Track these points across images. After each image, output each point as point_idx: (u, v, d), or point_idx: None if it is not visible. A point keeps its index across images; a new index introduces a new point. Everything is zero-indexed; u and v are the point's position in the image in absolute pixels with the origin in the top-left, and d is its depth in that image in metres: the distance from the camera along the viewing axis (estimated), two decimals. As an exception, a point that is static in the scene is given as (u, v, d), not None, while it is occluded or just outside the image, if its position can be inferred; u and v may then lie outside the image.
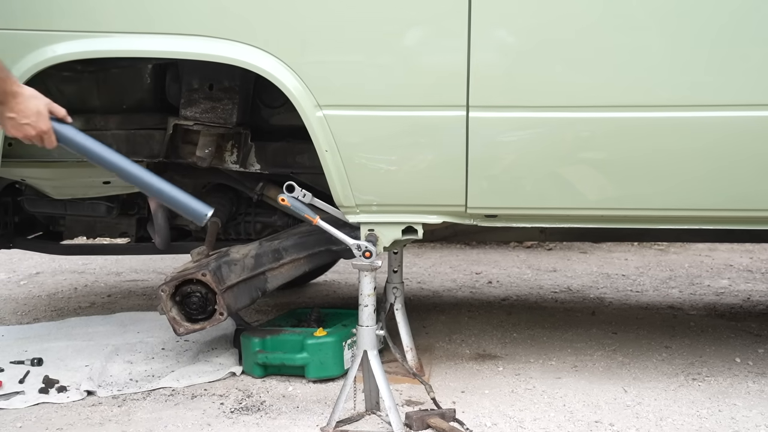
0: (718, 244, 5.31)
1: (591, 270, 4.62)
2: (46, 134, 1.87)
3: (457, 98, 2.10)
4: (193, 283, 2.46)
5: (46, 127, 1.86)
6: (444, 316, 3.41)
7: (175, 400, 2.40)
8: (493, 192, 2.21)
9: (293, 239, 2.65)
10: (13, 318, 3.51)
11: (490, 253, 5.27)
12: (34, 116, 1.84)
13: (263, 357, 2.55)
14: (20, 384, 2.52)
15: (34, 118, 1.84)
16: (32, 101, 1.84)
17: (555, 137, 2.14)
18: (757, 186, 2.14)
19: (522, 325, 3.23)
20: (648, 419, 2.21)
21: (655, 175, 2.15)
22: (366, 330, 2.11)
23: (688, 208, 2.19)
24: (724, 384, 2.50)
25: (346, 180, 2.21)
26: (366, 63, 2.13)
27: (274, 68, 2.12)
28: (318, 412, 2.28)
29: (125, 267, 4.76)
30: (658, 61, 2.05)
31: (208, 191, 2.91)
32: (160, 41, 2.10)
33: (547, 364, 2.72)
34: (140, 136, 2.50)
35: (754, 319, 3.33)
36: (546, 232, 3.08)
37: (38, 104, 1.85)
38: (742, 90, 2.05)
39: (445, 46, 2.10)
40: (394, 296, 2.62)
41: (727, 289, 4.05)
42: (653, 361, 2.74)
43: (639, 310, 3.53)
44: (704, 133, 2.10)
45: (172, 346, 2.90)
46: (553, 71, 2.09)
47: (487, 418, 2.22)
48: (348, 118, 2.15)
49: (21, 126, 1.84)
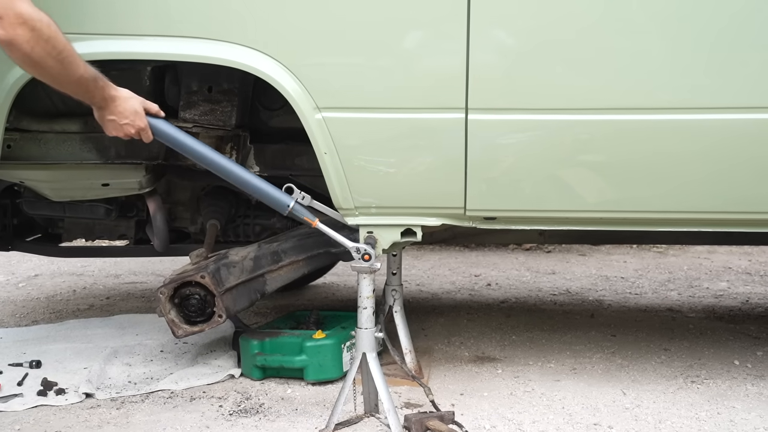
0: (716, 247, 5.31)
1: (590, 272, 4.62)
2: (143, 131, 2.00)
3: (456, 101, 2.10)
4: (192, 285, 2.45)
5: (144, 125, 1.99)
6: (443, 319, 3.41)
7: (173, 403, 2.39)
8: (492, 194, 2.21)
9: (292, 241, 2.65)
10: (12, 320, 3.51)
11: (489, 255, 5.27)
12: (133, 116, 1.96)
13: (262, 359, 2.55)
14: (19, 386, 2.51)
15: (132, 117, 1.96)
16: (129, 102, 1.96)
17: (554, 140, 2.14)
18: (755, 189, 2.14)
19: (521, 328, 3.23)
20: (647, 422, 2.21)
21: (654, 178, 2.15)
22: (365, 332, 2.11)
23: (687, 211, 2.19)
24: (722, 386, 2.50)
25: (345, 182, 2.21)
26: (365, 65, 2.13)
27: (273, 70, 2.12)
28: (317, 414, 2.28)
29: (124, 269, 4.76)
30: (658, 64, 2.05)
31: (207, 193, 2.91)
32: (159, 44, 2.10)
33: (546, 366, 2.72)
34: (139, 138, 2.50)
35: (753, 322, 3.34)
36: (545, 234, 3.08)
37: (135, 104, 1.97)
38: (741, 93, 2.05)
39: (444, 48, 2.11)
40: (393, 298, 2.61)
41: (726, 291, 4.05)
42: (652, 363, 2.74)
43: (638, 313, 3.53)
44: (703, 136, 2.10)
45: (171, 348, 2.90)
46: (552, 74, 2.09)
47: (486, 420, 2.22)
48: (347, 121, 2.15)
49: (121, 126, 1.96)
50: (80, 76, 1.83)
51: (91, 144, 2.46)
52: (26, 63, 1.74)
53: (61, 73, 1.79)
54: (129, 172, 2.59)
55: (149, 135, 2.02)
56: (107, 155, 2.48)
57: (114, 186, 2.66)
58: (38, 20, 1.67)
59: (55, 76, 1.80)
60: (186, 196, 2.97)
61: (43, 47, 1.70)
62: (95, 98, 1.92)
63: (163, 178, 2.80)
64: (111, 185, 2.66)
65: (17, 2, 1.64)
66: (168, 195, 2.94)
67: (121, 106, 1.95)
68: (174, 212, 2.99)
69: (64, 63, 1.76)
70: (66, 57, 1.76)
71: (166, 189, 2.93)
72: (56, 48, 1.73)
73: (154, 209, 2.78)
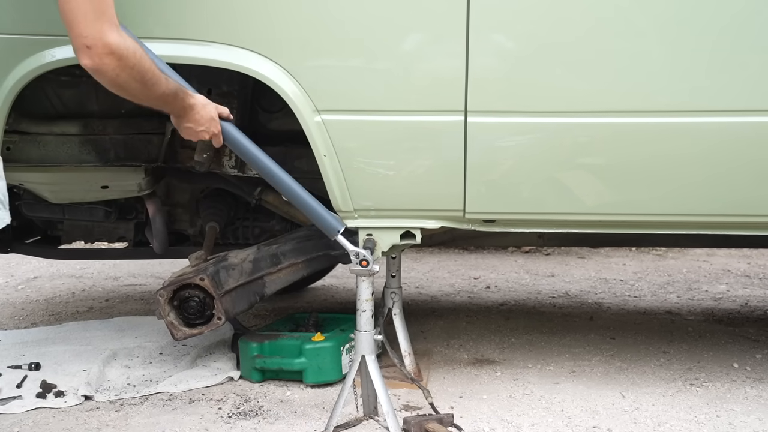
0: (716, 250, 5.31)
1: (589, 275, 4.62)
2: (216, 136, 2.04)
3: (455, 103, 2.11)
4: (191, 287, 2.45)
5: (217, 130, 2.04)
6: (442, 321, 3.41)
7: (172, 405, 2.39)
8: (491, 197, 2.21)
9: (291, 244, 2.65)
10: (11, 322, 3.50)
11: (488, 257, 5.27)
12: (208, 122, 2.01)
13: (261, 362, 2.54)
14: (18, 388, 2.51)
15: (208, 124, 2.01)
16: (206, 109, 2.00)
17: (553, 142, 2.14)
18: (754, 191, 2.14)
19: (520, 330, 3.23)
20: (646, 424, 2.21)
21: (653, 181, 2.15)
22: (364, 335, 2.11)
23: (686, 214, 2.20)
24: (722, 389, 2.50)
25: (344, 185, 2.21)
26: (364, 68, 2.13)
27: (273, 73, 2.12)
28: (316, 417, 2.28)
29: (123, 271, 4.76)
30: (657, 67, 2.06)
31: (206, 196, 2.91)
32: (158, 46, 2.10)
33: (545, 369, 2.72)
34: (138, 140, 2.51)
35: (752, 325, 3.34)
36: (544, 237, 3.08)
37: (210, 110, 2.01)
38: (739, 96, 2.05)
39: (444, 50, 2.11)
40: (393, 301, 2.61)
41: (725, 294, 4.05)
42: (651, 366, 2.74)
43: (637, 315, 3.53)
44: (702, 139, 2.10)
45: (170, 350, 2.89)
46: (552, 76, 2.09)
47: (485, 423, 2.22)
48: (346, 123, 2.15)
49: (197, 132, 2.01)
50: (162, 93, 1.88)
51: (91, 146, 2.46)
52: (111, 86, 1.79)
53: (143, 93, 1.84)
54: (128, 174, 2.59)
55: (220, 140, 2.06)
56: (106, 158, 2.48)
57: (113, 188, 2.66)
58: (125, 49, 1.72)
59: (136, 96, 1.85)
60: (185, 199, 2.97)
61: (128, 73, 1.75)
62: (176, 108, 1.97)
63: (162, 181, 2.80)
64: (110, 187, 2.66)
65: (106, 33, 1.69)
66: (167, 197, 2.94)
67: (198, 113, 1.99)
68: (173, 214, 2.98)
69: (147, 84, 1.82)
70: (149, 79, 1.81)
71: (166, 191, 2.93)
72: (140, 73, 1.78)
73: (154, 211, 2.78)
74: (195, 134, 2.02)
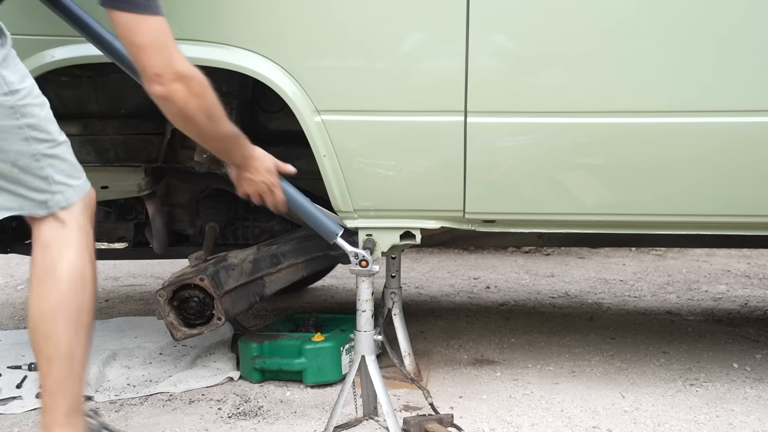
0: (715, 250, 5.31)
1: (589, 275, 4.63)
2: (275, 188, 2.07)
3: (455, 103, 2.11)
4: (191, 287, 2.45)
5: (276, 182, 2.07)
6: (442, 321, 3.41)
7: (172, 405, 2.39)
8: (491, 197, 2.21)
9: (291, 244, 2.65)
10: (11, 323, 3.50)
11: (488, 258, 5.27)
12: (267, 174, 2.04)
13: (261, 362, 2.54)
14: (17, 389, 2.51)
15: (266, 176, 2.04)
16: (264, 161, 2.04)
17: (553, 143, 2.14)
18: (754, 192, 2.14)
19: (520, 331, 3.23)
20: (645, 425, 2.21)
21: (653, 181, 2.15)
22: (364, 335, 2.11)
23: (686, 214, 2.20)
24: (721, 389, 2.50)
25: (344, 185, 2.21)
26: (364, 68, 2.13)
27: (273, 73, 2.12)
28: (316, 417, 2.28)
29: (123, 272, 4.76)
30: (658, 67, 2.06)
31: (206, 196, 2.91)
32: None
33: (545, 369, 2.72)
34: (138, 140, 2.51)
35: (752, 325, 3.34)
36: (544, 237, 3.08)
37: (268, 163, 2.04)
38: (740, 96, 2.05)
39: (444, 51, 2.11)
40: (392, 301, 2.61)
41: (725, 294, 4.05)
42: (651, 366, 2.74)
43: (637, 316, 3.53)
44: (703, 139, 2.10)
45: (170, 351, 2.89)
46: (552, 76, 2.09)
47: (484, 423, 2.22)
48: (346, 124, 2.16)
49: (255, 183, 2.05)
50: (225, 132, 1.91)
51: (90, 146, 2.46)
52: (179, 117, 1.80)
53: (209, 128, 1.86)
54: (128, 174, 2.59)
55: (281, 194, 2.08)
56: (106, 158, 2.48)
57: (113, 188, 2.66)
58: (192, 77, 1.75)
59: (202, 131, 1.87)
60: (185, 199, 2.97)
61: (195, 102, 1.77)
62: (235, 156, 2.00)
63: (162, 181, 2.80)
64: (110, 188, 2.65)
65: (173, 60, 1.72)
66: (167, 197, 2.94)
67: (257, 164, 2.02)
68: (173, 215, 2.98)
69: (213, 118, 1.84)
70: (214, 113, 1.84)
71: (165, 191, 2.93)
72: (206, 103, 1.80)
73: (153, 212, 2.78)
74: (254, 186, 2.05)
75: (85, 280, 1.70)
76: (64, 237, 1.69)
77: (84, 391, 1.74)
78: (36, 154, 1.63)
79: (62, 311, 1.66)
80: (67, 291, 1.66)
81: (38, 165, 1.64)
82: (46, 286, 1.66)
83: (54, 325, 1.66)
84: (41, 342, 1.66)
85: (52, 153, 1.66)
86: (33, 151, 1.63)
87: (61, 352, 1.66)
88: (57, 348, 1.66)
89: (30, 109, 1.62)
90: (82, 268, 1.69)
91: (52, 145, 1.66)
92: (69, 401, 1.68)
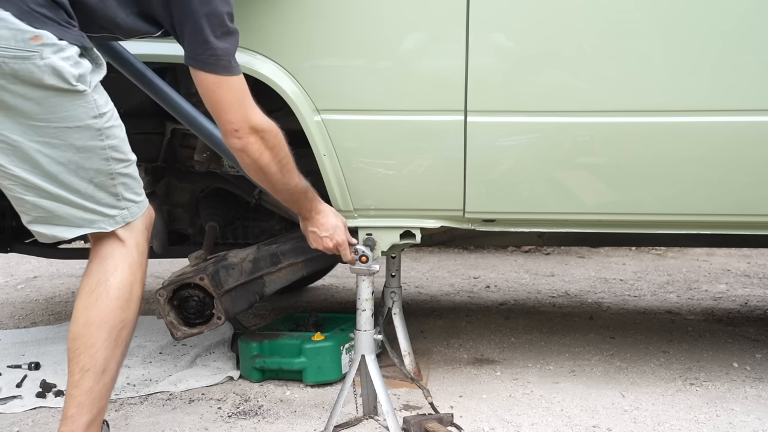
0: (715, 249, 5.31)
1: (589, 274, 4.63)
2: (341, 246, 2.10)
3: (455, 103, 2.11)
4: (191, 287, 2.45)
5: (342, 239, 2.10)
6: (442, 321, 3.41)
7: (172, 405, 2.39)
8: (491, 196, 2.21)
9: (291, 243, 2.65)
10: (11, 322, 3.50)
11: (488, 257, 5.28)
12: (332, 230, 2.09)
13: (261, 361, 2.55)
14: (18, 388, 2.51)
15: (332, 231, 2.09)
16: (331, 217, 2.10)
17: (553, 142, 2.14)
18: (754, 191, 2.14)
19: (520, 330, 3.23)
20: (645, 424, 2.21)
21: (654, 180, 2.15)
22: (364, 334, 2.11)
23: (686, 213, 2.20)
24: (721, 389, 2.50)
25: (344, 184, 2.21)
26: (364, 67, 2.13)
27: (272, 73, 2.12)
28: (315, 416, 2.28)
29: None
30: (657, 67, 2.06)
31: (206, 196, 2.91)
32: (158, 46, 2.10)
33: (545, 368, 2.72)
34: (138, 140, 2.48)
35: (752, 324, 3.34)
36: (544, 236, 3.08)
37: (336, 221, 2.11)
38: (739, 96, 2.05)
39: (444, 50, 2.11)
40: (392, 300, 2.61)
41: (725, 293, 4.05)
42: (651, 365, 2.74)
43: (637, 315, 3.53)
44: (702, 139, 2.10)
45: (170, 350, 2.90)
46: (552, 76, 2.10)
47: (484, 422, 2.22)
48: (346, 123, 2.16)
49: (321, 239, 2.10)
50: (296, 185, 1.99)
51: None
52: (252, 168, 1.89)
53: (280, 180, 1.95)
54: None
55: (348, 255, 2.11)
56: (106, 157, 2.47)
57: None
58: (268, 130, 1.86)
59: (274, 182, 1.96)
60: (185, 198, 2.97)
61: (270, 153, 1.87)
62: (303, 208, 2.07)
63: (162, 180, 2.80)
64: None
65: (250, 115, 1.83)
66: (167, 197, 2.95)
67: (323, 219, 2.09)
68: (173, 214, 2.99)
69: (284, 170, 1.93)
70: (286, 164, 1.93)
71: (165, 191, 2.93)
72: (280, 155, 1.90)
73: (153, 211, 2.77)
74: (319, 240, 2.10)
75: (132, 299, 1.75)
76: (121, 254, 1.75)
77: (106, 408, 1.77)
78: (112, 173, 1.70)
79: (106, 324, 1.71)
80: (114, 306, 1.72)
81: (112, 183, 1.71)
82: (96, 297, 1.72)
83: (96, 336, 1.70)
84: (80, 350, 1.70)
85: (126, 172, 1.73)
86: (110, 170, 1.70)
87: (97, 363, 1.70)
88: (94, 359, 1.70)
89: (113, 130, 1.69)
90: (131, 287, 1.75)
91: (126, 165, 1.74)
92: (92, 415, 1.71)
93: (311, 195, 2.06)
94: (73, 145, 1.63)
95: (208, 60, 1.75)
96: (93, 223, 1.72)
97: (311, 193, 2.06)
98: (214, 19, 1.72)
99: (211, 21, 1.72)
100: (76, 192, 1.68)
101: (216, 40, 1.73)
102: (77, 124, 1.62)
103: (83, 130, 1.63)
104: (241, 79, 1.81)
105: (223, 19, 1.74)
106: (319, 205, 2.09)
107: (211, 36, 1.73)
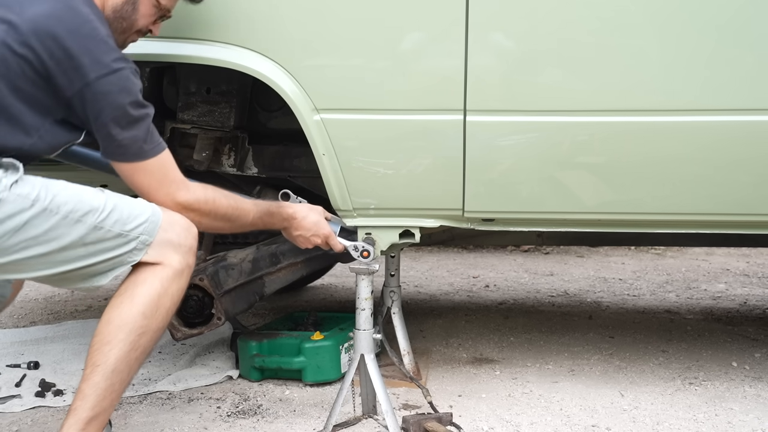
0: (715, 249, 5.32)
1: (588, 274, 4.63)
2: (329, 237, 2.13)
3: (454, 102, 2.11)
4: (191, 287, 2.45)
5: (327, 231, 2.13)
6: (441, 320, 3.41)
7: (171, 404, 2.39)
8: (490, 196, 2.21)
9: (290, 243, 2.64)
10: (10, 321, 3.50)
11: (487, 256, 5.28)
12: (315, 227, 2.11)
13: (260, 361, 2.55)
14: (17, 387, 2.51)
15: (315, 228, 2.11)
16: (309, 217, 2.11)
17: (552, 141, 2.14)
18: (753, 191, 2.14)
19: (519, 329, 3.23)
20: (645, 423, 2.22)
21: (652, 180, 2.15)
22: (363, 334, 2.11)
23: (685, 213, 2.20)
24: (720, 388, 2.51)
25: (343, 183, 2.21)
26: (364, 67, 2.13)
27: (272, 72, 2.12)
28: (315, 416, 2.28)
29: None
30: (656, 66, 2.05)
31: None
32: (157, 45, 2.10)
33: (544, 368, 2.72)
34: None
35: (751, 324, 3.34)
36: (543, 236, 3.08)
37: (314, 215, 2.12)
38: (738, 95, 2.05)
39: (443, 50, 2.11)
40: (392, 300, 2.62)
41: (724, 293, 4.05)
42: (650, 365, 2.75)
43: (636, 314, 3.53)
44: (701, 138, 2.10)
45: (169, 349, 2.90)
46: (551, 75, 2.09)
47: (484, 422, 2.22)
48: (345, 122, 2.16)
49: (308, 239, 2.12)
50: (252, 221, 1.99)
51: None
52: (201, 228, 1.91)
53: (233, 226, 1.98)
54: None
55: (336, 243, 2.13)
56: (106, 157, 2.47)
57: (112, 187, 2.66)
58: (195, 202, 1.86)
59: (231, 229, 2.01)
60: (184, 198, 2.97)
61: (207, 219, 1.90)
62: (276, 225, 2.09)
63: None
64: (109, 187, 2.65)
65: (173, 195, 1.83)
66: (166, 196, 2.94)
67: (301, 221, 2.10)
68: (172, 214, 2.98)
69: (232, 220, 1.95)
70: (231, 215, 1.94)
71: (165, 190, 2.93)
72: (219, 215, 1.91)
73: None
74: (307, 241, 2.13)
75: (158, 311, 1.77)
76: (153, 269, 1.78)
77: (111, 411, 1.78)
78: (92, 227, 1.70)
79: (126, 326, 1.73)
80: (136, 311, 1.74)
81: (102, 231, 1.71)
82: (121, 301, 1.75)
83: (113, 336, 1.72)
84: (96, 347, 1.72)
85: (104, 216, 1.72)
86: (88, 226, 1.70)
87: (108, 361, 1.71)
88: (106, 356, 1.71)
89: (57, 200, 1.66)
90: (159, 298, 1.77)
91: (97, 212, 1.71)
92: (94, 412, 1.71)
93: (274, 209, 2.06)
94: (34, 240, 1.63)
95: (116, 151, 1.77)
96: (122, 263, 1.77)
97: (274, 207, 2.06)
98: (114, 111, 1.71)
99: (112, 114, 1.71)
100: (79, 260, 1.71)
101: (121, 130, 1.73)
102: (18, 222, 1.61)
103: (29, 224, 1.62)
104: (161, 158, 1.80)
105: (125, 110, 1.72)
106: (288, 210, 2.09)
107: (114, 129, 1.72)
